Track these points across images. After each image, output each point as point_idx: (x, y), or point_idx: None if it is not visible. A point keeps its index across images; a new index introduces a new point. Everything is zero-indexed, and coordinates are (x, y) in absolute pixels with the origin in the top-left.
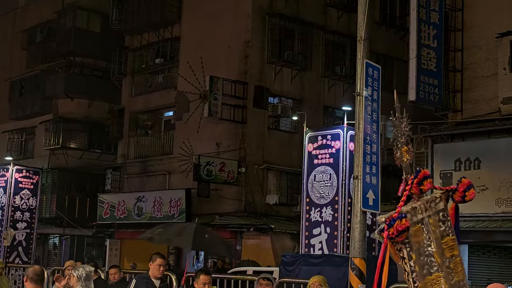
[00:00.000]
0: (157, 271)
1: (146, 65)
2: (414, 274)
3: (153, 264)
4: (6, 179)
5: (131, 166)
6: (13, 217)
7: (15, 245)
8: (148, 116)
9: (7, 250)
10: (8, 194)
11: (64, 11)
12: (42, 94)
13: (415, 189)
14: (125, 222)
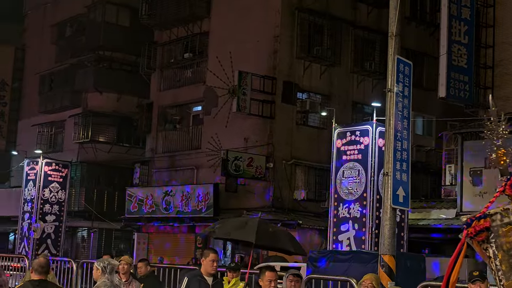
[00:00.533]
0: (210, 267)
1: (175, 59)
2: (500, 272)
3: (205, 259)
4: (35, 172)
5: (159, 160)
6: (42, 210)
7: (44, 237)
8: (177, 110)
9: (36, 243)
10: (38, 187)
11: (94, 5)
12: (71, 88)
13: (509, 190)
14: (153, 216)
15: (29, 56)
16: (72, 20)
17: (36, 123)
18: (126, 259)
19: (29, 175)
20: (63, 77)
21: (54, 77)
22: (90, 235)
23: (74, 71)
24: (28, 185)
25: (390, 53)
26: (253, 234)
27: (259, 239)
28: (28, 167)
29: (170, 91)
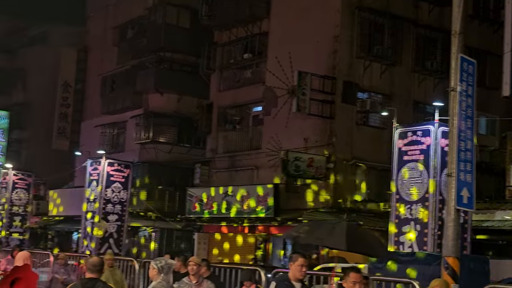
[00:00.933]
0: (298, 272)
1: (234, 60)
2: None
3: (294, 264)
4: (98, 172)
5: (219, 160)
6: (104, 210)
7: (106, 236)
8: (236, 111)
9: (99, 242)
10: (101, 187)
11: (155, 7)
12: (133, 89)
13: None
14: (213, 216)
15: (91, 58)
16: (133, 22)
17: (98, 124)
18: (195, 260)
19: (92, 175)
20: (125, 79)
21: (116, 79)
22: (151, 234)
23: (135, 73)
24: (91, 185)
25: (453, 51)
26: (343, 240)
27: (350, 245)
28: (91, 167)
29: (230, 92)
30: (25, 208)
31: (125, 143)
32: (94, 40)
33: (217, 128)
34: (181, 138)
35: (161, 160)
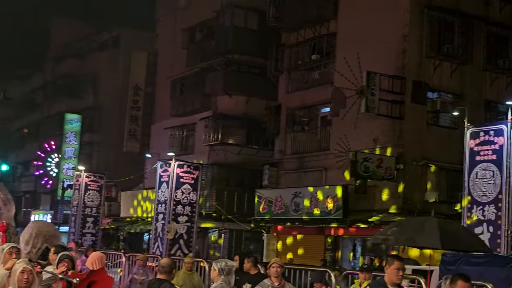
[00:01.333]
0: (395, 277)
1: (302, 61)
2: None
3: (390, 268)
4: (168, 174)
5: (288, 162)
6: (174, 211)
7: (176, 238)
8: (305, 112)
9: (169, 243)
10: (171, 189)
11: (223, 10)
12: (201, 92)
13: None
14: (282, 218)
15: (161, 61)
16: (202, 25)
17: (168, 126)
18: (278, 262)
19: (162, 177)
20: (194, 81)
21: (185, 81)
22: (221, 235)
23: (204, 75)
24: (161, 186)
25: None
26: (437, 238)
27: (446, 243)
28: (161, 169)
29: (298, 93)
30: (97, 210)
31: (194, 145)
32: (164, 44)
33: (286, 129)
34: (249, 139)
35: (230, 161)
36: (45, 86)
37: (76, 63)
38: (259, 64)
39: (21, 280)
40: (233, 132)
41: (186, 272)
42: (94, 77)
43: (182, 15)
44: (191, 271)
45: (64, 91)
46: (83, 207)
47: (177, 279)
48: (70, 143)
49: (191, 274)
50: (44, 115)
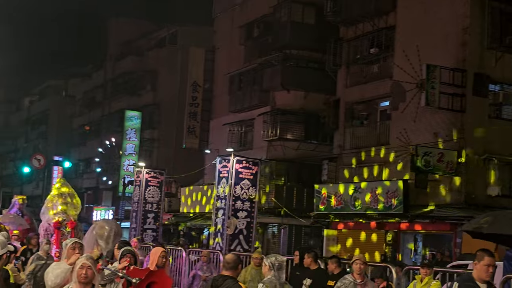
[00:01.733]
0: (484, 273)
1: (361, 55)
2: None
3: (479, 263)
4: (228, 169)
5: (347, 156)
6: (234, 207)
7: (236, 233)
8: (364, 106)
9: (229, 238)
10: (230, 184)
11: (280, 5)
12: (259, 87)
13: None
14: (341, 213)
15: (219, 57)
16: (259, 20)
17: (226, 122)
18: (362, 259)
19: (221, 173)
20: (252, 77)
21: (243, 77)
22: (280, 231)
23: (262, 71)
24: (220, 182)
25: None
26: None
27: None
28: (220, 165)
29: (357, 87)
30: (157, 205)
31: (253, 141)
32: (221, 40)
33: (344, 124)
34: (308, 134)
35: (288, 157)
36: (105, 84)
37: (135, 61)
38: (317, 58)
39: (80, 275)
40: (291, 127)
41: (255, 268)
42: (153, 74)
43: (239, 11)
44: (260, 266)
45: (124, 88)
46: (144, 203)
47: (245, 274)
48: (130, 139)
49: (259, 269)
50: (105, 112)
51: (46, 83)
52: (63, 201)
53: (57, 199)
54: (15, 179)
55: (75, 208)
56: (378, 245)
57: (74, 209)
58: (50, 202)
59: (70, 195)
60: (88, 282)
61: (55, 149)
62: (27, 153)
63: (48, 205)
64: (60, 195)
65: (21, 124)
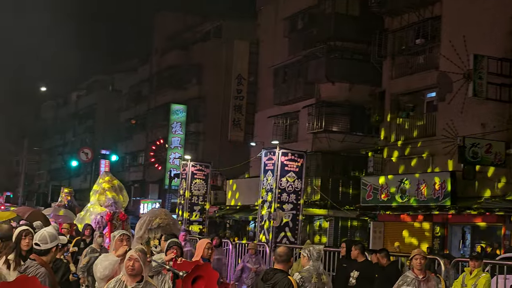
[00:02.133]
0: None
1: (406, 46)
2: None
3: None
4: (273, 162)
5: (393, 148)
6: (280, 199)
7: (282, 225)
8: (410, 97)
9: (275, 231)
10: (275, 177)
11: None
12: (304, 80)
13: None
14: (388, 205)
15: (263, 50)
16: (303, 12)
17: (271, 115)
18: (422, 253)
19: (266, 165)
20: (296, 69)
21: (287, 70)
22: (326, 223)
23: (306, 63)
24: (266, 175)
25: None
26: None
27: None
28: (266, 157)
29: (402, 79)
30: (203, 198)
31: (298, 133)
32: (265, 33)
33: (390, 115)
34: (353, 126)
35: (334, 149)
36: (151, 78)
37: (180, 55)
38: (362, 50)
39: (127, 267)
40: (336, 119)
41: None
42: (198, 67)
43: (283, 4)
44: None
45: (170, 82)
46: (190, 196)
47: (298, 267)
48: (176, 133)
49: None
50: (151, 106)
51: (93, 78)
52: (114, 194)
53: (107, 192)
54: (63, 173)
55: (123, 201)
56: (425, 237)
57: (122, 202)
58: (99, 194)
59: (118, 188)
60: (135, 274)
61: (102, 143)
62: (75, 147)
63: (98, 199)
64: (110, 188)
65: (69, 119)
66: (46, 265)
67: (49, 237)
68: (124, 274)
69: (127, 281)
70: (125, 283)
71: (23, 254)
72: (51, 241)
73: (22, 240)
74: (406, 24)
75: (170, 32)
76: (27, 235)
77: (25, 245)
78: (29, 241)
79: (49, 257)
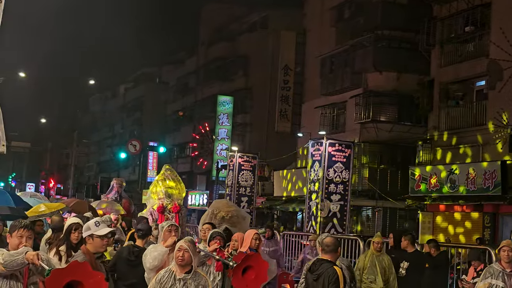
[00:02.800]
0: None
1: (455, 34)
2: None
3: None
4: (320, 153)
5: (442, 138)
6: (327, 190)
7: (330, 216)
8: (459, 86)
9: (323, 222)
10: (323, 167)
11: None
12: (351, 69)
13: None
14: (437, 195)
15: (309, 40)
16: (350, 2)
17: (318, 105)
18: (510, 244)
19: (314, 156)
20: (343, 59)
21: (334, 59)
22: (374, 214)
23: (353, 52)
24: (313, 165)
25: None
26: None
27: None
28: (313, 148)
29: (452, 67)
30: (251, 189)
31: (345, 123)
32: (312, 23)
33: (439, 104)
34: (401, 116)
35: (381, 139)
36: (197, 70)
37: (226, 46)
38: (410, 38)
39: (176, 257)
40: (384, 109)
41: (375, 253)
42: (244, 58)
43: None
44: (380, 251)
45: (216, 74)
46: (237, 187)
47: (365, 260)
48: (223, 124)
49: (380, 255)
50: (198, 98)
51: (140, 70)
52: (167, 185)
53: (162, 184)
54: (112, 165)
55: (179, 194)
56: (475, 227)
57: (179, 193)
58: (154, 186)
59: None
60: (185, 264)
61: (150, 135)
62: (123, 139)
63: (153, 190)
64: (164, 179)
65: (117, 111)
66: (89, 254)
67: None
68: (173, 264)
69: (177, 272)
70: (175, 273)
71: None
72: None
73: (71, 234)
74: (455, 12)
75: (216, 24)
76: (77, 229)
77: (74, 239)
78: (78, 234)
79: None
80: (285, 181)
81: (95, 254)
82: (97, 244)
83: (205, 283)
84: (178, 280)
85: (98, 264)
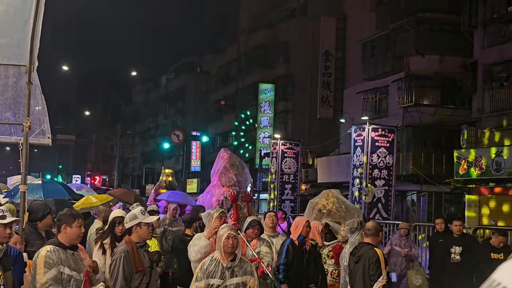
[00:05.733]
0: None
1: (498, 14)
2: None
3: None
4: (363, 138)
5: (486, 120)
6: (371, 175)
7: (374, 201)
8: (503, 67)
9: (368, 207)
10: (366, 153)
11: None
12: (392, 53)
13: None
14: (483, 178)
15: (350, 25)
16: None
17: (360, 90)
18: None
19: (356, 142)
20: (384, 43)
21: (375, 44)
22: (419, 198)
23: (394, 36)
24: (356, 151)
25: None
26: None
27: None
28: (355, 133)
29: (495, 48)
30: (294, 176)
31: (388, 108)
32: (351, 7)
33: (483, 86)
34: (444, 99)
35: (425, 123)
36: (238, 58)
37: (267, 34)
38: (452, 20)
39: (226, 245)
40: (427, 92)
41: None
42: (284, 46)
43: None
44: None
45: (257, 61)
46: (281, 174)
47: None
48: (265, 112)
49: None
50: (239, 86)
51: (182, 60)
52: (235, 172)
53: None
54: (156, 155)
55: (246, 180)
56: None
57: (245, 181)
58: (222, 174)
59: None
60: (233, 252)
61: (192, 125)
62: (167, 130)
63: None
64: (232, 165)
65: (160, 102)
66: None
67: (128, 217)
68: (219, 252)
69: (222, 260)
70: (220, 261)
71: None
72: (130, 220)
73: (116, 227)
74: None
75: (256, 11)
76: (121, 222)
77: (119, 231)
78: (122, 227)
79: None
80: (328, 167)
81: (137, 243)
82: (143, 232)
83: (251, 269)
84: (226, 269)
85: (141, 253)
